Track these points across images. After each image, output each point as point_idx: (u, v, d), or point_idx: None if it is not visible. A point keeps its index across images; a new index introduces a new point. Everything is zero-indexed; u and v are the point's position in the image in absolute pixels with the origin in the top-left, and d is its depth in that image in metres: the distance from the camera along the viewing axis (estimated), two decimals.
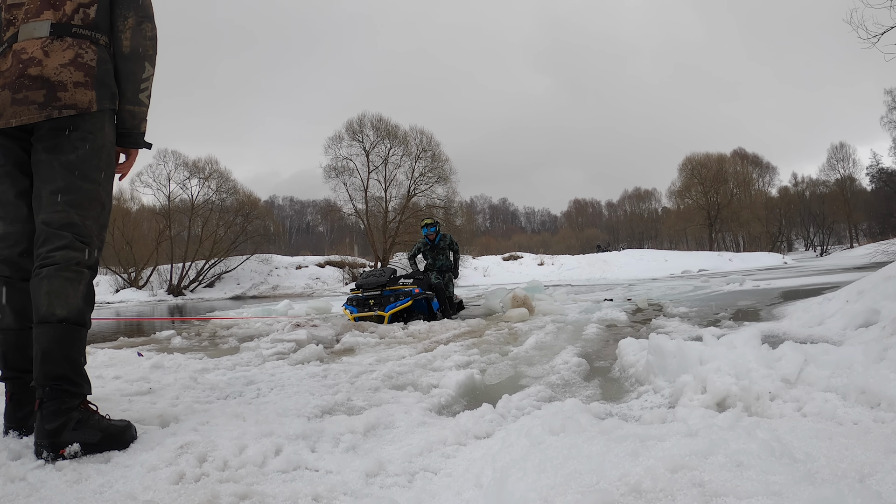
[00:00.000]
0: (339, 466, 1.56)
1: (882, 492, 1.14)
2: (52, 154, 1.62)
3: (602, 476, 1.18)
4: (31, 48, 1.62)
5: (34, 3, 1.67)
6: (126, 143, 1.78)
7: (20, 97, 1.59)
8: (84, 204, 1.64)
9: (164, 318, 11.96)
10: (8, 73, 1.62)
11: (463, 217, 35.24)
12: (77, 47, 1.65)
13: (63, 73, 1.62)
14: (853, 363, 2.03)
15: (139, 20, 1.75)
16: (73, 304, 1.55)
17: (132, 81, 1.74)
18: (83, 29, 1.68)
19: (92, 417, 1.54)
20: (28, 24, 1.65)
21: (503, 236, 75.87)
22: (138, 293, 27.95)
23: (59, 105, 1.60)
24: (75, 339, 1.55)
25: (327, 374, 3.03)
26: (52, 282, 1.53)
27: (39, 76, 1.60)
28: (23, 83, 1.60)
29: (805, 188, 52.88)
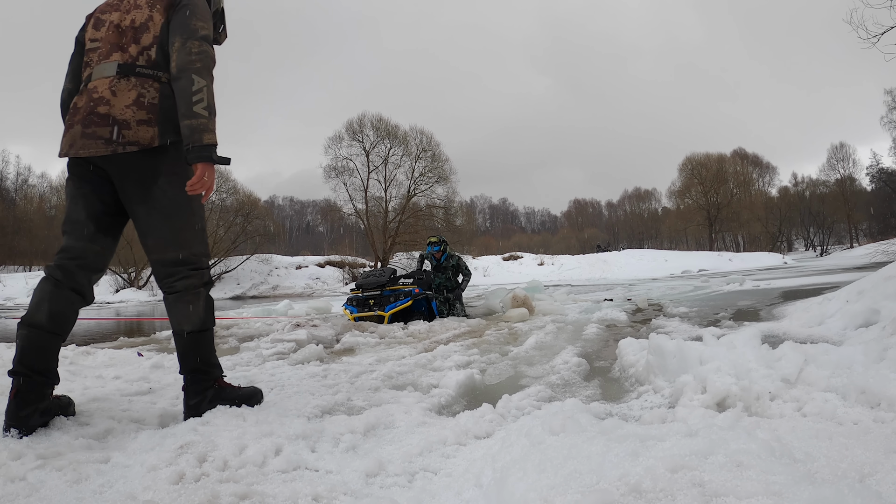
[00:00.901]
0: (339, 466, 1.56)
1: (882, 492, 1.14)
2: (146, 205, 1.84)
3: (602, 476, 1.18)
4: (101, 87, 1.83)
5: (105, 47, 1.89)
6: (192, 157, 1.79)
7: (89, 132, 1.78)
8: (188, 240, 1.91)
9: (164, 318, 11.94)
10: (83, 109, 1.83)
11: (463, 217, 35.27)
12: (140, 87, 1.83)
13: (127, 112, 1.80)
14: (853, 363, 2.03)
15: (184, 40, 1.85)
16: (196, 320, 1.93)
17: (183, 97, 1.80)
18: (146, 68, 1.86)
19: (224, 391, 1.98)
20: (100, 66, 1.87)
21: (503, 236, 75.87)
22: (138, 293, 27.94)
23: (124, 142, 1.78)
24: (200, 342, 1.96)
25: (327, 374, 3.03)
26: (178, 306, 1.92)
27: (107, 114, 1.79)
28: (92, 119, 1.79)
29: (805, 188, 52.91)
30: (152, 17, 1.90)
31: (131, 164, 1.80)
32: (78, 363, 3.71)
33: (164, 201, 1.84)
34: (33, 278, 27.76)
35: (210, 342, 2.01)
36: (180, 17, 1.88)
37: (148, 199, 1.83)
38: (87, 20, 2.03)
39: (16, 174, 42.99)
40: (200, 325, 1.94)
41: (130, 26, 1.90)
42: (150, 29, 1.89)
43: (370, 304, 6.56)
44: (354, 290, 6.99)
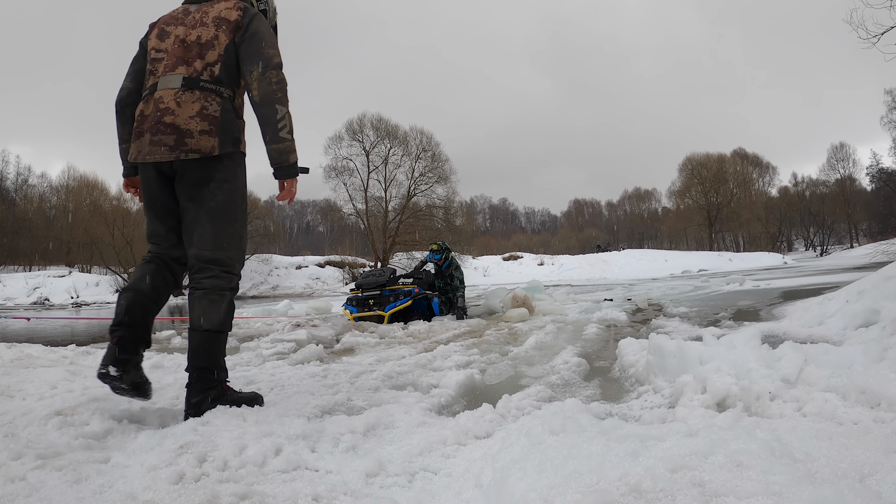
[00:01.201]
0: (339, 466, 1.56)
1: (882, 492, 1.14)
2: (195, 203, 1.98)
3: (602, 476, 1.18)
4: (167, 98, 1.96)
5: (171, 59, 2.01)
6: (280, 175, 2.04)
7: (156, 139, 1.93)
8: (225, 242, 2.02)
9: (164, 318, 11.96)
10: (150, 117, 1.97)
11: (463, 217, 35.26)
12: (203, 100, 1.97)
13: (191, 123, 1.94)
14: (853, 363, 2.03)
15: (263, 69, 1.99)
16: (216, 319, 1.99)
17: (269, 124, 1.98)
18: (209, 83, 1.99)
19: (226, 394, 1.99)
20: (165, 77, 1.99)
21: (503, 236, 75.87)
22: None
23: (186, 149, 1.93)
24: (215, 342, 2.01)
25: (327, 374, 3.03)
26: (202, 302, 1.99)
27: (172, 123, 1.93)
28: (159, 128, 1.94)
29: (805, 188, 52.90)
30: (218, 36, 2.02)
31: (191, 168, 1.96)
32: (78, 363, 3.71)
33: (212, 203, 1.98)
34: (33, 278, 27.74)
35: (223, 345, 2.06)
36: (254, 44, 2.01)
37: (197, 199, 1.98)
38: (150, 28, 2.16)
39: (16, 174, 43.01)
40: (219, 325, 2.01)
41: (196, 42, 2.02)
42: (216, 47, 2.02)
43: (370, 304, 6.56)
44: (354, 290, 6.99)
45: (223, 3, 2.08)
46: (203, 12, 2.07)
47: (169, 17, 2.13)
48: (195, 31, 2.03)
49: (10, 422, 1.89)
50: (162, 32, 2.08)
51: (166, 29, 2.08)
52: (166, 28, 2.08)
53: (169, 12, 2.17)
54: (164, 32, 2.07)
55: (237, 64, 2.04)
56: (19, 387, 2.55)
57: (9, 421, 1.90)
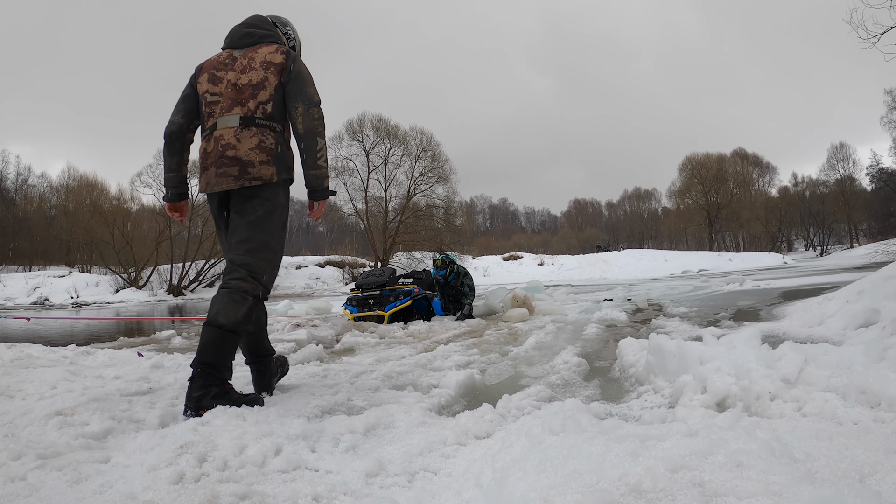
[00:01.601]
0: (339, 466, 1.56)
1: (882, 492, 1.14)
2: (239, 214, 2.20)
3: (602, 476, 1.18)
4: (227, 135, 2.19)
5: (227, 102, 2.23)
6: (314, 196, 2.31)
7: (221, 171, 2.17)
8: (258, 250, 2.19)
9: (164, 318, 11.96)
10: (213, 153, 2.20)
11: (463, 217, 35.25)
12: (260, 134, 2.21)
13: (251, 155, 2.17)
14: (853, 363, 2.03)
15: (307, 107, 2.24)
16: (233, 318, 2.09)
17: (310, 153, 2.23)
18: (263, 120, 2.23)
19: (227, 394, 2.05)
20: (223, 117, 2.22)
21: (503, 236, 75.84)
22: (138, 293, 27.91)
23: (249, 177, 2.17)
24: (227, 341, 2.08)
25: (327, 374, 3.03)
26: (224, 300, 2.11)
27: (235, 157, 2.17)
28: (223, 161, 2.16)
29: (805, 188, 52.87)
30: (267, 78, 2.25)
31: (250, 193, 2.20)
32: (78, 363, 3.71)
33: (252, 216, 2.19)
34: (33, 278, 27.73)
35: (234, 346, 2.13)
36: (298, 84, 2.26)
37: (241, 210, 2.20)
38: (198, 71, 2.36)
39: (16, 174, 42.98)
40: (233, 324, 2.09)
41: (248, 84, 2.25)
42: (266, 88, 2.25)
43: (370, 303, 6.56)
44: (354, 290, 6.99)
45: (266, 48, 2.31)
46: (249, 58, 2.30)
47: (216, 62, 2.34)
48: (245, 75, 2.26)
49: (10, 422, 1.89)
50: (213, 77, 2.30)
51: (217, 74, 2.30)
52: (217, 73, 2.30)
53: (214, 56, 2.38)
54: (216, 77, 2.29)
55: (284, 101, 2.28)
56: (19, 387, 2.55)
57: (9, 421, 1.90)
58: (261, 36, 2.37)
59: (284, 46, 2.38)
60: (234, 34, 2.39)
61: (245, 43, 2.35)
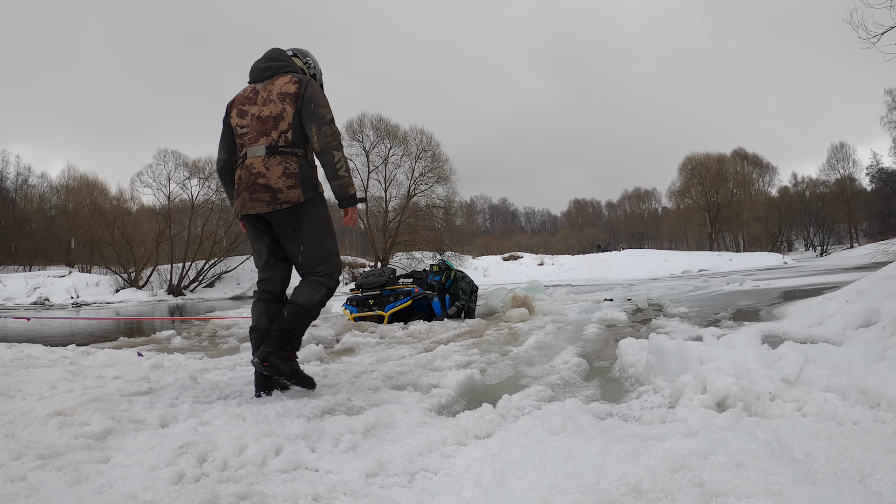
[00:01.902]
0: (339, 466, 1.56)
1: (882, 492, 1.14)
2: (296, 241, 2.50)
3: (602, 476, 1.18)
4: (256, 164, 2.47)
5: (253, 133, 2.50)
6: (342, 204, 2.54)
7: (254, 197, 2.45)
8: (325, 259, 2.55)
9: (164, 318, 11.96)
10: (245, 180, 2.48)
11: (463, 217, 35.24)
12: (284, 162, 2.46)
13: (279, 182, 2.43)
14: (853, 363, 2.03)
15: (319, 127, 2.46)
16: (309, 300, 2.46)
17: (329, 167, 2.48)
18: (286, 148, 2.47)
19: (290, 360, 2.40)
20: (252, 147, 2.49)
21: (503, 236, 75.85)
22: (138, 293, 27.91)
23: (279, 201, 2.43)
24: (302, 316, 2.46)
25: (327, 374, 3.03)
26: (304, 287, 2.50)
27: (265, 184, 2.44)
28: (255, 188, 2.45)
29: (805, 188, 52.83)
30: (285, 109, 2.48)
31: (285, 215, 2.47)
32: (78, 363, 3.71)
33: (307, 240, 2.51)
34: (33, 278, 27.73)
35: (306, 323, 2.51)
36: (309, 109, 2.47)
37: (297, 238, 2.50)
38: (229, 108, 2.64)
39: (16, 174, 42.92)
40: (308, 303, 2.47)
41: (269, 117, 2.48)
42: (285, 118, 2.48)
43: (370, 303, 6.56)
44: (354, 289, 6.98)
45: (282, 80, 2.54)
46: (268, 91, 2.53)
47: (242, 97, 2.61)
48: (266, 108, 2.51)
49: (10, 422, 1.89)
50: (240, 112, 2.57)
51: (243, 108, 2.57)
52: (243, 108, 2.57)
53: (241, 92, 2.65)
54: (242, 111, 2.56)
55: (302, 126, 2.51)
56: (19, 387, 2.55)
57: (9, 421, 1.90)
58: (277, 68, 2.60)
59: (298, 75, 2.58)
60: (254, 69, 2.64)
61: (264, 77, 2.59)
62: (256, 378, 2.47)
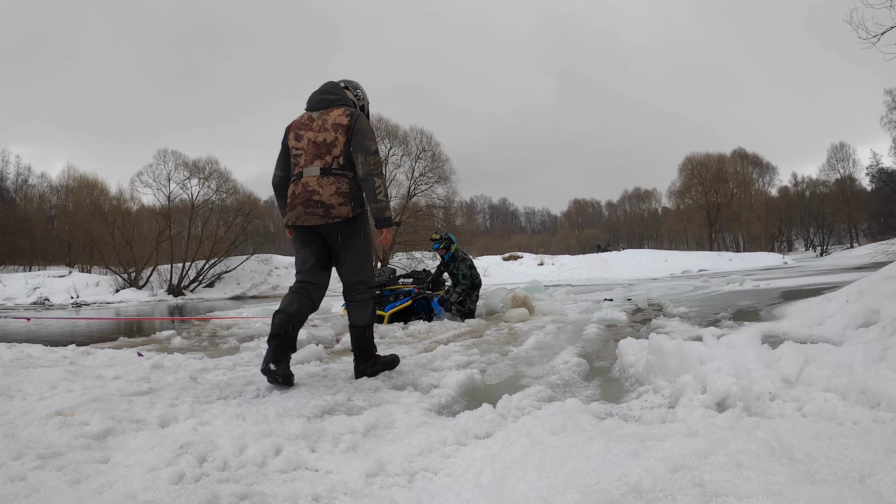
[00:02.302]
0: (339, 466, 1.56)
1: (882, 492, 1.14)
2: (345, 250, 2.87)
3: (602, 476, 1.18)
4: (311, 182, 2.79)
5: (309, 155, 2.84)
6: (379, 225, 2.92)
7: (309, 211, 2.78)
8: (363, 269, 2.93)
9: (164, 318, 11.96)
10: (301, 195, 2.80)
11: (463, 217, 35.25)
12: (336, 182, 2.79)
13: (332, 199, 2.77)
14: (853, 363, 2.03)
15: (364, 156, 2.81)
16: (365, 318, 2.93)
17: (370, 192, 2.82)
18: (338, 171, 2.81)
19: (377, 360, 2.94)
20: (308, 167, 2.82)
21: (503, 236, 75.82)
22: (138, 293, 27.91)
23: (332, 216, 2.78)
24: (367, 332, 2.94)
25: (327, 374, 3.03)
26: (357, 310, 2.93)
27: (319, 201, 2.77)
28: (309, 202, 2.77)
29: (805, 188, 52.83)
30: (338, 138, 2.83)
31: (336, 228, 2.82)
32: (78, 363, 3.71)
33: (355, 250, 2.89)
34: (33, 278, 27.74)
35: (371, 332, 2.97)
36: (358, 139, 2.82)
37: (346, 249, 2.87)
38: (287, 131, 2.98)
39: (16, 174, 42.91)
40: (368, 322, 2.95)
41: (324, 143, 2.83)
42: (337, 146, 2.82)
43: None
44: None
45: (336, 111, 2.89)
46: (323, 119, 2.88)
47: (299, 122, 2.94)
48: (321, 134, 2.85)
49: (10, 422, 1.89)
50: (297, 135, 2.91)
51: (299, 133, 2.91)
52: (299, 132, 2.91)
53: (298, 118, 2.98)
54: (299, 135, 2.90)
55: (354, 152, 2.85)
56: (19, 387, 2.55)
57: (9, 421, 1.90)
58: (332, 101, 2.95)
59: (350, 108, 2.93)
60: (311, 99, 3.00)
61: (320, 107, 2.94)
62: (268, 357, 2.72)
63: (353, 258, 2.90)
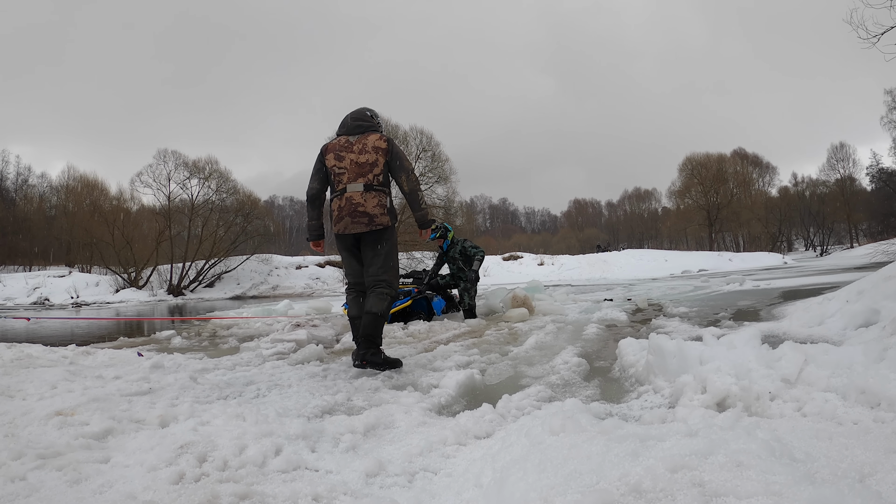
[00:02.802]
0: (339, 466, 1.56)
1: (882, 492, 1.14)
2: (374, 251, 3.30)
3: (602, 476, 1.18)
4: (355, 197, 3.25)
5: (352, 173, 3.28)
6: (422, 226, 3.48)
7: (356, 220, 3.24)
8: (389, 271, 3.33)
9: (164, 318, 11.96)
10: (346, 208, 3.25)
11: (463, 217, 35.23)
12: (378, 196, 3.28)
13: (375, 210, 3.25)
14: (853, 363, 2.03)
15: (406, 175, 3.37)
16: (380, 307, 3.20)
17: (415, 202, 3.40)
18: (378, 187, 3.29)
19: (379, 354, 3.14)
20: (351, 184, 3.27)
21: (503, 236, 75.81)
22: (138, 293, 27.89)
23: (375, 224, 3.25)
24: (378, 321, 3.19)
25: (327, 374, 3.03)
26: (374, 298, 3.23)
27: (364, 211, 3.23)
28: (356, 213, 3.23)
29: (805, 188, 52.78)
30: (378, 159, 3.30)
31: (376, 235, 3.29)
32: (78, 363, 3.71)
33: (384, 254, 3.31)
34: (33, 278, 27.73)
35: (381, 326, 3.22)
36: (397, 161, 3.35)
37: (377, 250, 3.30)
38: (324, 151, 3.39)
39: (16, 174, 42.86)
40: (381, 311, 3.20)
41: (366, 163, 3.28)
42: (378, 165, 3.29)
43: None
44: None
45: (373, 136, 3.35)
46: (362, 143, 3.32)
47: (338, 145, 3.36)
48: (363, 156, 3.29)
49: (10, 422, 1.89)
50: (337, 156, 3.33)
51: (340, 154, 3.33)
52: (340, 153, 3.33)
53: (334, 141, 3.41)
54: (340, 156, 3.32)
55: (390, 173, 3.37)
56: (19, 387, 2.55)
57: (9, 421, 1.90)
58: (366, 127, 3.41)
59: (384, 134, 3.42)
60: (347, 125, 3.43)
61: (356, 132, 3.39)
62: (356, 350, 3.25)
63: (383, 260, 3.30)
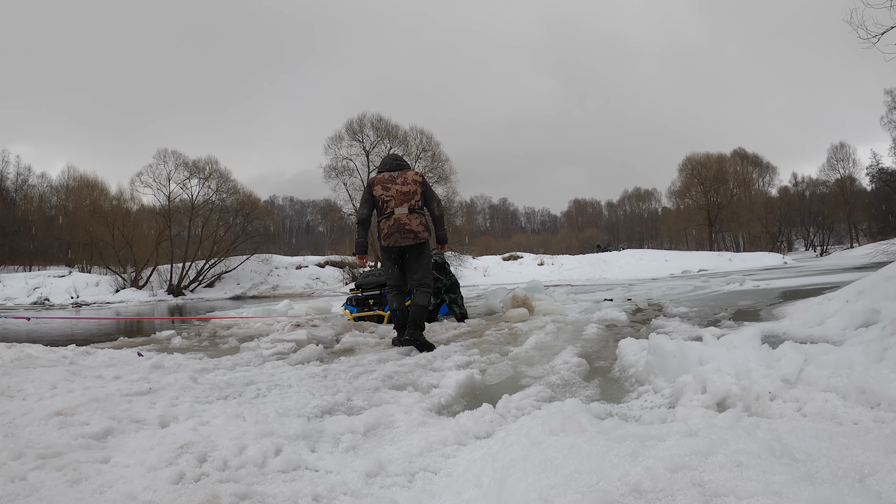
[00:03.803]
0: (339, 466, 1.56)
1: (882, 492, 1.14)
2: (416, 259, 4.34)
3: (602, 476, 1.18)
4: (402, 218, 4.26)
5: (398, 200, 4.29)
6: (441, 243, 4.71)
7: (404, 236, 4.24)
8: (427, 274, 4.38)
9: (164, 318, 11.96)
10: (394, 226, 4.25)
11: (463, 217, 35.23)
12: (419, 217, 4.32)
13: (418, 227, 4.28)
14: (853, 363, 2.03)
15: (437, 204, 4.48)
16: (425, 301, 4.25)
17: (440, 225, 4.58)
18: (418, 210, 4.33)
19: (422, 336, 4.08)
20: (398, 208, 4.27)
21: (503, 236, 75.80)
22: (138, 293, 27.89)
23: (418, 238, 4.26)
24: (423, 311, 4.20)
25: (327, 374, 3.03)
26: (419, 294, 4.28)
27: (410, 229, 4.25)
28: (403, 230, 4.24)
29: (805, 188, 52.78)
30: (416, 189, 4.35)
31: (418, 248, 4.32)
32: (78, 363, 3.71)
33: (424, 261, 4.36)
34: (33, 278, 27.73)
35: (425, 315, 4.21)
36: (430, 193, 4.45)
37: (419, 259, 4.34)
38: (372, 183, 4.43)
39: (16, 174, 42.91)
40: (424, 303, 4.24)
41: (408, 192, 4.31)
42: (417, 194, 4.34)
43: (370, 303, 6.55)
44: (354, 289, 6.97)
45: (410, 173, 4.43)
46: (403, 177, 4.37)
47: (384, 178, 4.39)
48: (405, 187, 4.33)
49: (10, 422, 1.89)
50: (385, 187, 4.34)
51: (387, 185, 4.34)
52: (387, 185, 4.34)
53: (380, 175, 4.45)
54: (387, 187, 4.33)
55: (424, 201, 4.39)
56: (19, 387, 2.55)
57: (9, 421, 1.90)
58: (403, 166, 4.52)
59: (418, 172, 4.46)
60: (389, 164, 4.50)
61: (397, 169, 4.45)
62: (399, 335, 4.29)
63: (424, 267, 4.36)
